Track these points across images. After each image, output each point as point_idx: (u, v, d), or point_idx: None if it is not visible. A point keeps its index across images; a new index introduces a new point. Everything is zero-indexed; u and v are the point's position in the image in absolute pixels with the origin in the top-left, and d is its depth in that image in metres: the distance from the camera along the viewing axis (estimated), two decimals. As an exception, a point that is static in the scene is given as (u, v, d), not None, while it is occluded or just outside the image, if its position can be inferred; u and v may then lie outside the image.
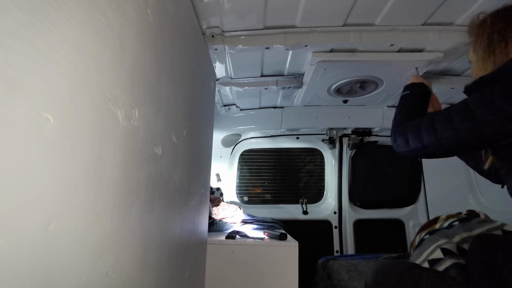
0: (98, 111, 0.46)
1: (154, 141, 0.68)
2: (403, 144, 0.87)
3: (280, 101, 2.06)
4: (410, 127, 0.86)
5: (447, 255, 1.15)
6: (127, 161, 0.56)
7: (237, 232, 1.63)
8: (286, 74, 1.65)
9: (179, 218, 0.90)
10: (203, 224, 1.27)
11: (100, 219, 0.47)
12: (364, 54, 1.37)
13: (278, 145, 2.54)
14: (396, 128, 0.92)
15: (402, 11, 1.13)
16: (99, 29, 0.47)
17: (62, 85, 0.39)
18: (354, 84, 1.68)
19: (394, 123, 0.95)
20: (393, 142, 0.93)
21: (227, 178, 2.50)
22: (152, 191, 0.68)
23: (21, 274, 0.33)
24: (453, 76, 1.62)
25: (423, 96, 1.03)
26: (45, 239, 0.36)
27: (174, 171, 0.83)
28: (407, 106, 0.99)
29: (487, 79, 0.76)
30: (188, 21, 0.96)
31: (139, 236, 0.62)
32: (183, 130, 0.91)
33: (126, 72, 0.55)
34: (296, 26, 1.23)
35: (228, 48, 1.30)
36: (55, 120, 0.37)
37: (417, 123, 0.85)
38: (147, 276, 0.66)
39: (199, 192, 1.16)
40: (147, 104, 0.64)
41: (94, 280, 0.46)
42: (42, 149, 0.35)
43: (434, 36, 1.23)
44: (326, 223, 2.44)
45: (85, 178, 0.44)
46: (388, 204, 2.51)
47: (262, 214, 2.38)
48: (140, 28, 0.60)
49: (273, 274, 1.46)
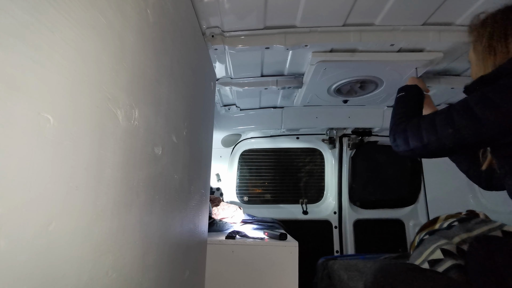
0: (98, 111, 0.46)
1: (154, 141, 0.68)
2: (403, 143, 0.87)
3: (280, 101, 2.06)
4: (410, 127, 0.86)
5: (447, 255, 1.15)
6: (127, 161, 0.56)
7: (237, 232, 1.63)
8: (286, 74, 1.65)
9: (179, 218, 0.90)
10: (203, 224, 1.27)
11: (100, 219, 0.47)
12: (364, 54, 1.37)
13: (278, 145, 2.54)
14: (395, 128, 0.92)
15: (402, 11, 1.13)
16: (99, 29, 0.47)
17: (62, 85, 0.39)
18: (354, 84, 1.68)
19: (392, 124, 0.96)
20: (392, 142, 0.93)
21: (227, 178, 2.50)
22: (152, 191, 0.68)
23: (21, 274, 0.33)
24: (453, 76, 1.62)
25: (418, 98, 1.05)
26: (45, 239, 0.36)
27: (174, 171, 0.83)
28: (403, 108, 1.00)
29: (488, 78, 0.76)
30: (188, 21, 0.96)
31: (139, 236, 0.62)
32: (183, 130, 0.91)
33: (126, 72, 0.55)
34: (296, 26, 1.23)
35: (228, 48, 1.30)
36: (55, 120, 0.37)
37: (417, 122, 0.85)
38: (147, 276, 0.66)
39: (199, 192, 1.16)
40: (147, 104, 0.64)
41: (94, 280, 0.46)
42: (42, 149, 0.35)
43: (434, 36, 1.23)
44: (326, 223, 2.44)
45: (85, 178, 0.44)
46: (388, 204, 2.51)
47: (262, 214, 2.38)
48: (140, 28, 0.60)
49: (273, 274, 1.45)
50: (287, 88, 1.72)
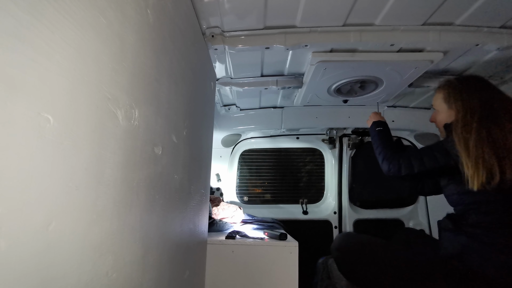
0: (98, 111, 0.46)
1: (154, 141, 0.68)
2: (396, 171, 1.22)
3: (280, 101, 2.06)
4: (402, 160, 1.21)
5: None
6: (127, 161, 0.56)
7: (237, 232, 1.63)
8: (286, 74, 1.65)
9: (179, 218, 0.90)
10: (203, 224, 1.27)
11: (100, 219, 0.47)
12: (364, 54, 1.37)
13: (278, 145, 2.54)
14: (390, 158, 1.26)
15: (402, 11, 1.13)
16: (99, 29, 0.47)
17: (62, 85, 0.39)
18: (354, 84, 1.68)
19: (384, 155, 1.29)
20: (385, 167, 1.27)
21: (227, 178, 2.50)
22: (152, 191, 0.68)
23: (21, 274, 0.33)
24: (453, 76, 1.62)
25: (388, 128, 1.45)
26: (45, 239, 0.36)
27: (174, 171, 0.83)
28: (387, 141, 1.37)
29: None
30: (188, 21, 0.96)
31: (139, 236, 0.62)
32: (183, 130, 0.91)
33: (126, 72, 0.55)
34: (296, 26, 1.23)
35: (228, 48, 1.30)
36: (55, 120, 0.37)
37: (407, 156, 1.21)
38: (147, 276, 0.66)
39: (199, 192, 1.16)
40: (147, 104, 0.64)
41: (94, 280, 0.46)
42: (42, 149, 0.35)
43: (434, 36, 1.23)
44: (326, 223, 2.44)
45: (85, 178, 0.44)
46: (388, 204, 2.50)
47: (262, 214, 2.38)
48: (140, 28, 0.60)
49: (273, 274, 1.45)
50: (287, 88, 1.72)
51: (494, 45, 1.25)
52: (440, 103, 1.25)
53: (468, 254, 1.05)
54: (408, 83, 1.62)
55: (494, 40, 1.23)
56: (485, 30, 1.22)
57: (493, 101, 1.11)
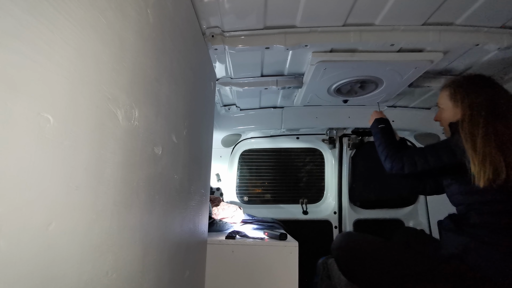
0: (98, 111, 0.46)
1: (154, 141, 0.68)
2: (399, 168, 1.20)
3: (280, 101, 2.06)
4: (406, 158, 1.19)
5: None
6: (127, 161, 0.56)
7: (237, 232, 1.63)
8: (286, 74, 1.65)
9: (179, 218, 0.90)
10: (203, 224, 1.27)
11: (100, 219, 0.47)
12: (364, 54, 1.37)
13: (278, 145, 2.54)
14: (393, 156, 1.23)
15: (402, 11, 1.13)
16: (99, 29, 0.47)
17: (62, 85, 0.39)
18: (354, 84, 1.68)
19: (387, 152, 1.26)
20: (388, 165, 1.24)
21: (227, 178, 2.50)
22: (152, 191, 0.68)
23: (21, 274, 0.33)
24: (453, 76, 1.62)
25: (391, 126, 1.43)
26: (45, 239, 0.36)
27: (174, 171, 0.83)
28: (389, 138, 1.34)
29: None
30: (188, 21, 0.96)
31: (139, 236, 0.62)
32: (183, 130, 0.91)
33: (126, 72, 0.55)
34: (296, 26, 1.23)
35: (228, 48, 1.30)
36: (55, 120, 0.37)
37: (411, 154, 1.19)
38: (147, 276, 0.66)
39: (199, 192, 1.16)
40: (147, 104, 0.64)
41: (94, 280, 0.46)
42: (42, 149, 0.35)
43: (434, 36, 1.23)
44: (326, 223, 2.44)
45: (85, 178, 0.44)
46: (388, 204, 2.50)
47: (262, 214, 2.38)
48: (140, 28, 0.60)
49: (273, 274, 1.45)
50: (287, 88, 1.72)
51: (494, 45, 1.25)
52: (445, 101, 1.24)
53: (470, 255, 1.05)
54: (408, 83, 1.62)
55: (494, 40, 1.23)
56: (485, 30, 1.22)
57: (498, 99, 1.10)
